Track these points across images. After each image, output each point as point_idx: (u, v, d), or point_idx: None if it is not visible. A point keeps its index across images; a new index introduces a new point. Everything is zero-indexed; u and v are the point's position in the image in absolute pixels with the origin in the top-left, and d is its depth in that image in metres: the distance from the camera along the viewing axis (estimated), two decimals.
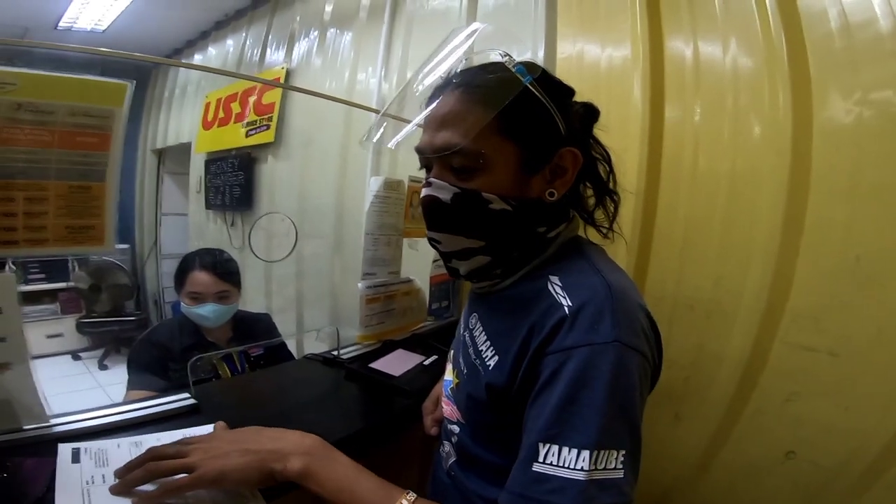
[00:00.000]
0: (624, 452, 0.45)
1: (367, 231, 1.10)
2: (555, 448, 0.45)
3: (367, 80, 1.97)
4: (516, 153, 0.55)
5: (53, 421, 0.66)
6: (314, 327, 2.21)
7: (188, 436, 0.61)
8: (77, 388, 3.18)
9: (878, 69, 0.78)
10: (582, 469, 0.43)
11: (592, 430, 0.44)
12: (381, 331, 1.15)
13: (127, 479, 0.51)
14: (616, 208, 0.66)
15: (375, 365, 1.02)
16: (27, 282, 3.61)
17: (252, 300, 2.36)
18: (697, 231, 1.00)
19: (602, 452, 0.43)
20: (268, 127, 2.48)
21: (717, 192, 0.97)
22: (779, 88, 0.88)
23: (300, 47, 2.44)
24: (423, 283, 1.29)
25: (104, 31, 3.07)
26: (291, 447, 0.55)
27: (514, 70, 0.54)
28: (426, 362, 1.07)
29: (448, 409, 0.69)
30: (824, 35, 0.84)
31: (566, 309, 0.50)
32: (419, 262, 1.35)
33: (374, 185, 1.10)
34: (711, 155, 0.99)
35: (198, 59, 3.46)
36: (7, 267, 0.60)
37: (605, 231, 0.66)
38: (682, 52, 1.04)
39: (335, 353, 1.07)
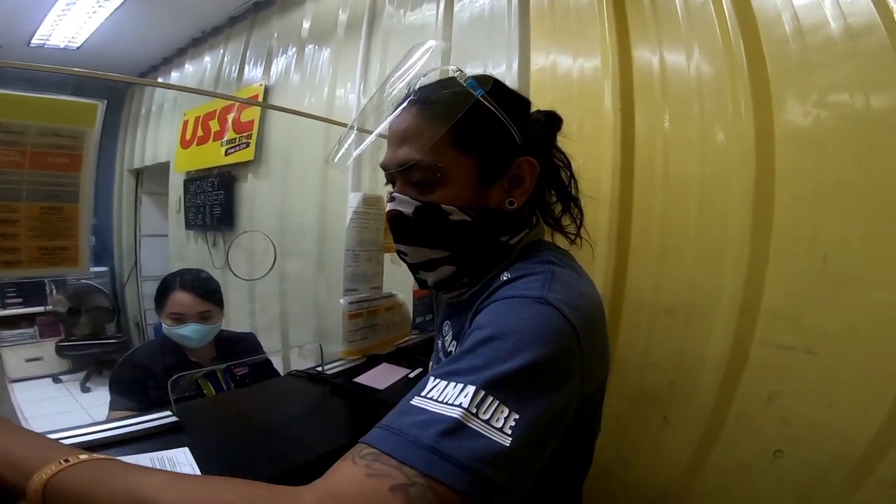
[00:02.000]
0: (517, 418, 0.38)
1: (348, 247, 1.10)
2: (442, 384, 0.40)
3: (346, 95, 1.98)
4: (473, 165, 0.56)
5: None
6: (298, 344, 2.18)
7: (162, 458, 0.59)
8: (59, 410, 3.09)
9: (832, 71, 0.81)
10: (459, 406, 0.37)
11: (487, 372, 0.39)
12: (365, 346, 1.14)
13: None
14: (581, 213, 0.67)
15: (360, 379, 1.02)
16: (4, 306, 3.50)
17: (236, 320, 2.32)
18: (673, 237, 1.02)
19: (489, 398, 0.38)
20: (247, 145, 2.47)
21: (688, 198, 0.99)
22: (740, 94, 0.91)
23: (278, 64, 2.44)
24: (406, 297, 1.29)
25: (78, 48, 3.02)
26: None
27: (465, 84, 0.56)
28: (411, 375, 1.06)
29: None
30: (780, 39, 0.87)
31: (504, 279, 0.52)
32: (402, 276, 1.34)
33: (353, 200, 1.10)
34: (681, 161, 1.01)
35: (174, 76, 3.42)
36: None
37: (572, 237, 0.67)
38: (650, 61, 1.07)
39: (319, 368, 1.06)
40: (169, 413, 0.79)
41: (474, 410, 0.37)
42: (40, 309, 3.62)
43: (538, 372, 0.41)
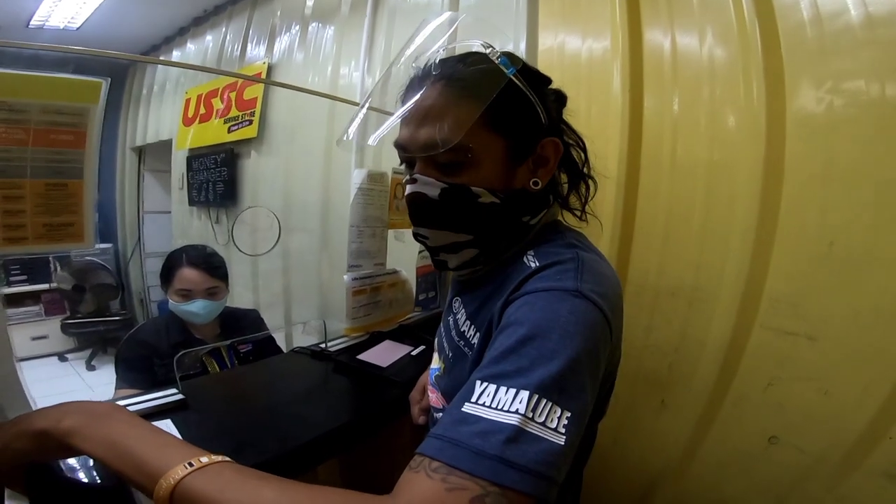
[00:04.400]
0: (569, 415, 0.39)
1: (352, 223, 1.10)
2: (492, 388, 0.40)
3: (350, 74, 1.96)
4: (502, 145, 0.55)
5: None
6: (302, 321, 2.20)
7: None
8: (65, 389, 3.14)
9: (849, 59, 0.79)
10: (516, 412, 0.38)
11: (537, 375, 0.40)
12: (368, 323, 1.15)
13: None
14: (588, 192, 0.67)
15: (363, 357, 1.03)
16: (9, 283, 3.53)
17: (239, 296, 2.34)
18: (678, 219, 1.02)
19: (543, 401, 0.38)
20: (250, 122, 2.45)
21: (695, 181, 0.98)
22: (753, 79, 0.90)
23: (281, 42, 2.40)
24: (409, 274, 1.30)
25: (78, 28, 2.98)
26: (69, 408, 0.48)
27: (497, 61, 0.54)
28: (414, 353, 1.07)
29: (433, 396, 0.69)
30: (796, 25, 0.85)
31: (534, 267, 0.51)
32: (405, 253, 1.35)
33: (357, 177, 1.10)
34: (689, 145, 1.00)
35: (176, 55, 3.37)
36: None
37: (578, 214, 0.67)
38: (661, 43, 1.05)
39: (323, 345, 1.07)
40: (174, 391, 0.81)
41: (531, 415, 0.38)
42: (45, 286, 3.65)
43: (581, 367, 0.42)
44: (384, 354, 1.05)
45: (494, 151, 0.55)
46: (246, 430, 0.74)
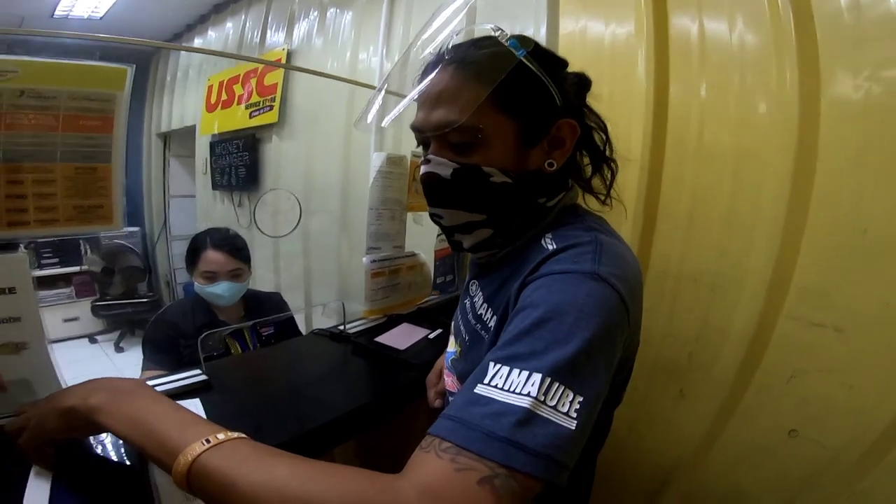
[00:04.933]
0: (581, 400, 0.39)
1: (371, 206, 1.11)
2: (505, 370, 0.40)
3: (369, 59, 1.96)
4: (514, 127, 0.55)
5: None
6: (322, 303, 2.24)
7: None
8: (95, 371, 3.23)
9: (888, 47, 0.76)
10: (528, 395, 0.38)
11: (550, 357, 0.40)
12: (387, 305, 1.17)
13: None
14: (613, 175, 0.66)
15: (381, 339, 1.04)
16: (41, 266, 3.65)
17: (261, 278, 2.39)
18: (703, 205, 1.00)
19: (555, 384, 0.38)
20: (271, 108, 2.48)
21: (723, 167, 0.96)
22: (786, 65, 0.87)
23: (300, 28, 2.42)
24: (427, 257, 1.31)
25: (101, 17, 3.04)
26: (96, 385, 0.50)
27: (507, 44, 0.54)
28: (431, 336, 1.09)
29: (449, 380, 0.70)
30: (833, 12, 0.82)
31: (551, 249, 0.51)
32: (424, 236, 1.36)
33: (376, 160, 1.10)
34: (718, 131, 0.98)
35: (198, 42, 3.41)
36: (20, 248, 0.61)
37: (602, 198, 0.66)
38: (688, 28, 1.03)
39: (342, 328, 1.09)
40: (199, 371, 0.83)
41: (542, 398, 0.38)
42: (76, 269, 3.77)
43: (596, 351, 0.42)
44: (402, 337, 1.06)
45: (506, 132, 0.55)
46: (266, 411, 0.77)
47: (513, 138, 0.55)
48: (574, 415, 0.38)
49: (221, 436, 0.41)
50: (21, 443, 0.51)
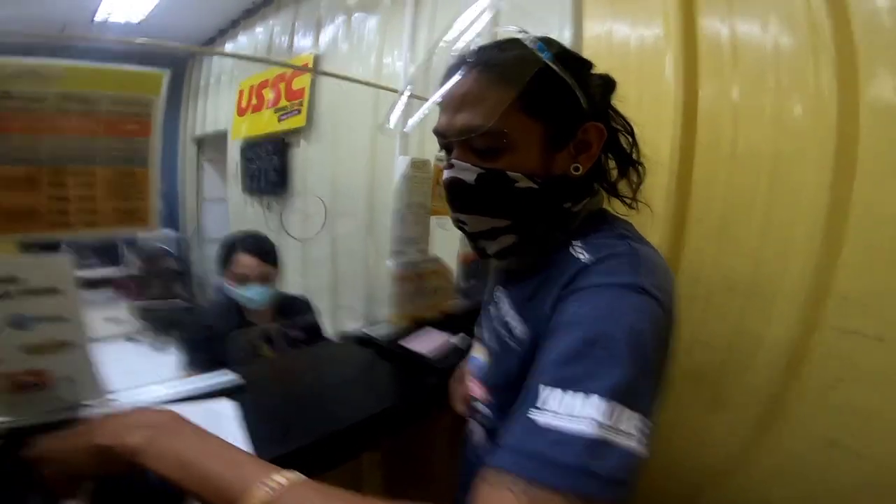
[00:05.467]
0: (642, 417, 0.38)
1: (396, 210, 1.12)
2: (559, 393, 0.39)
3: (394, 63, 1.98)
4: (540, 131, 0.54)
5: (112, 397, 0.70)
6: (348, 307, 2.27)
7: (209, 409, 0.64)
8: (133, 369, 3.34)
9: None
10: (591, 419, 0.36)
11: (608, 378, 0.38)
12: (412, 310, 1.17)
13: None
14: (640, 179, 0.64)
15: (406, 343, 1.05)
16: (85, 268, 3.82)
17: (289, 281, 2.43)
18: (737, 210, 0.97)
19: (616, 406, 0.37)
20: (299, 111, 2.53)
21: (758, 171, 0.94)
22: (823, 67, 0.84)
23: (327, 33, 2.46)
24: (451, 262, 1.31)
25: (139, 23, 3.16)
26: (131, 421, 0.46)
27: (532, 46, 0.53)
28: (453, 339, 1.08)
29: (475, 387, 0.69)
30: (871, 13, 0.80)
31: (585, 261, 0.50)
32: (448, 241, 1.36)
33: (401, 164, 1.11)
34: (752, 134, 0.95)
35: (229, 47, 3.53)
36: (63, 250, 0.64)
37: (629, 202, 0.65)
38: (718, 31, 1.01)
39: (368, 332, 1.10)
40: (231, 373, 0.85)
41: (605, 421, 0.36)
42: (116, 271, 3.94)
43: (651, 366, 0.41)
44: (426, 341, 1.06)
45: (531, 136, 0.54)
46: (295, 413, 0.77)
47: (538, 142, 0.54)
48: (637, 434, 0.37)
49: (282, 479, 0.39)
50: (47, 476, 0.48)
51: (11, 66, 0.55)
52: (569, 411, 0.37)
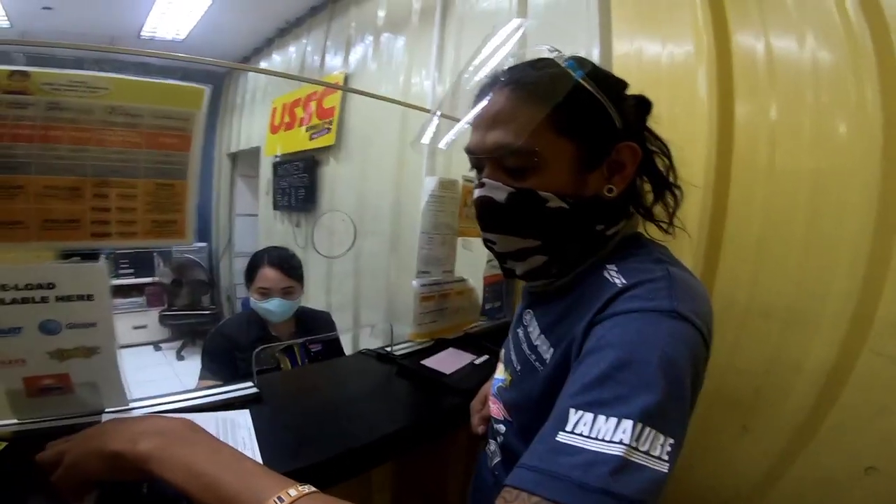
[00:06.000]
0: (672, 442, 0.37)
1: (423, 230, 1.12)
2: (589, 417, 0.38)
3: (422, 82, 2.00)
4: (572, 150, 0.53)
5: (133, 405, 0.71)
6: (370, 324, 2.27)
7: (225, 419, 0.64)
8: (156, 377, 3.46)
9: None
10: (620, 442, 0.36)
11: (639, 402, 0.37)
12: (434, 329, 1.16)
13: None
14: (677, 202, 0.63)
15: (427, 362, 1.04)
16: (118, 276, 3.96)
17: (314, 297, 2.46)
18: (775, 231, 0.94)
19: (647, 430, 0.36)
20: (329, 130, 2.58)
21: (797, 191, 0.91)
22: (865, 82, 0.81)
23: (356, 52, 2.52)
24: (476, 282, 1.30)
25: (183, 40, 3.32)
26: (144, 428, 0.45)
27: (564, 65, 0.53)
28: (477, 361, 1.07)
29: (495, 407, 0.68)
30: None
31: (620, 286, 0.49)
32: (473, 262, 1.36)
33: (429, 184, 1.12)
34: (791, 153, 0.92)
35: (264, 65, 3.66)
36: (101, 258, 0.66)
37: (665, 226, 0.63)
38: (753, 47, 0.98)
39: (388, 349, 1.10)
40: (251, 384, 0.85)
41: (635, 445, 0.36)
42: (149, 280, 4.07)
43: (684, 391, 0.41)
44: (447, 361, 1.05)
45: (563, 156, 0.53)
46: (311, 426, 0.77)
47: (570, 162, 0.54)
48: (666, 457, 0.37)
49: (293, 492, 0.39)
50: (54, 481, 0.47)
51: (63, 77, 0.58)
52: (598, 434, 0.37)
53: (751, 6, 0.99)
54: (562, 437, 0.38)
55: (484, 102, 0.55)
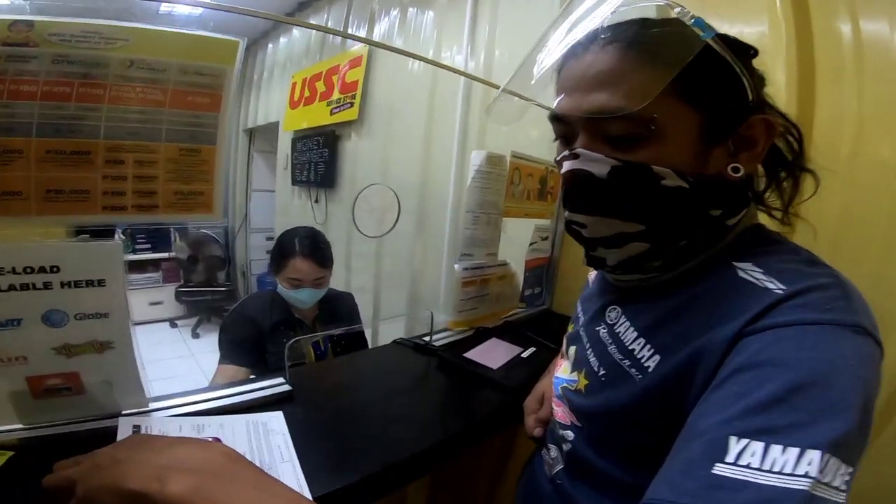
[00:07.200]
0: (850, 471, 0.32)
1: (468, 209, 1.03)
2: (758, 446, 0.32)
3: (453, 57, 1.90)
4: (696, 120, 0.45)
5: (153, 405, 0.63)
6: (392, 307, 2.21)
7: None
8: (172, 355, 3.46)
9: None
10: (805, 475, 0.30)
11: (824, 431, 0.32)
12: (474, 317, 1.08)
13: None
14: (794, 190, 0.53)
15: (470, 355, 0.95)
16: (135, 251, 3.95)
17: (334, 274, 2.40)
18: (854, 225, 0.86)
19: (833, 461, 0.31)
20: (351, 105, 2.49)
21: (882, 186, 0.83)
22: None
23: (381, 27, 2.42)
24: (517, 267, 1.21)
25: (199, 16, 3.21)
26: (172, 461, 0.38)
27: (690, 23, 0.43)
28: (524, 354, 0.98)
29: (559, 410, 0.61)
30: None
31: (779, 292, 0.40)
32: (508, 245, 1.27)
33: (476, 159, 1.02)
34: (880, 145, 0.85)
35: (283, 40, 3.53)
36: (116, 236, 0.57)
37: (779, 216, 0.54)
38: (838, 30, 0.89)
39: (426, 339, 1.01)
40: (282, 380, 0.78)
41: (821, 478, 0.31)
42: (165, 255, 4.05)
43: (870, 419, 0.35)
44: (492, 354, 0.97)
45: (685, 126, 0.45)
46: (350, 434, 0.69)
47: (693, 134, 0.45)
48: (844, 487, 0.32)
49: None
50: None
51: (74, 27, 0.49)
52: (774, 467, 0.31)
53: None
54: (721, 470, 0.32)
55: (582, 63, 0.46)
